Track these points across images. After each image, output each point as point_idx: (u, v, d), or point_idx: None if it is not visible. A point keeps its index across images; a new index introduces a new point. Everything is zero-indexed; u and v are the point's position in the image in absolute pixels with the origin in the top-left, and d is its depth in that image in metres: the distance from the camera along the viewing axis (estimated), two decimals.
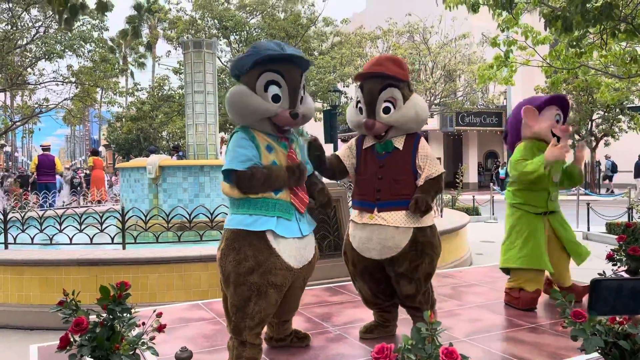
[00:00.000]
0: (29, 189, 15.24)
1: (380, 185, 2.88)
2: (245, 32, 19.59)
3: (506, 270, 3.88)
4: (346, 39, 20.54)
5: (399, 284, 2.94)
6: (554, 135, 3.58)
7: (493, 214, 12.68)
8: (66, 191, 15.48)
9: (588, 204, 9.69)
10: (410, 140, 2.90)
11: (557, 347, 2.97)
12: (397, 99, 2.85)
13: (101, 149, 46.14)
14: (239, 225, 2.49)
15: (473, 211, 12.28)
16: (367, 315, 3.65)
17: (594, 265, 4.04)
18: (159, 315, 2.46)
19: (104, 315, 2.35)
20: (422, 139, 2.95)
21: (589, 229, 9.36)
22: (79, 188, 15.08)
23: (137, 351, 2.39)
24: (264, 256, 2.47)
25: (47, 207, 9.76)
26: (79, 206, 10.55)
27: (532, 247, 3.65)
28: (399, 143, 2.89)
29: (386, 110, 2.84)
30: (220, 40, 19.63)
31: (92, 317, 2.40)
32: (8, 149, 46.17)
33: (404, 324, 3.21)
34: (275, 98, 2.52)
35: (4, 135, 27.29)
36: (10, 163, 47.38)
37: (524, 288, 3.68)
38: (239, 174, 2.46)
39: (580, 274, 4.06)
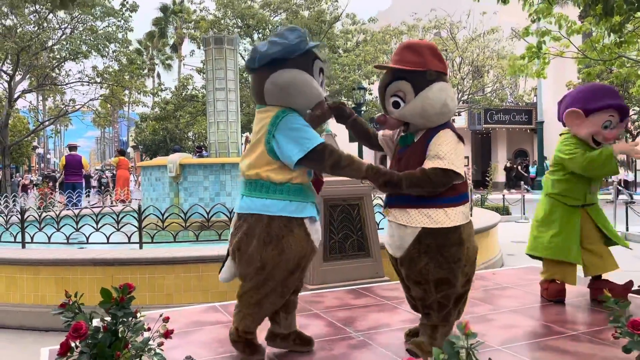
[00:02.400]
0: (57, 188, 15.44)
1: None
2: (268, 29, 19.47)
3: (533, 257, 3.83)
4: (371, 36, 20.24)
5: (409, 285, 2.70)
6: (595, 141, 3.43)
7: (524, 214, 12.27)
8: (93, 190, 15.65)
9: (626, 203, 9.23)
10: (429, 133, 2.57)
11: (602, 358, 2.69)
12: (405, 92, 2.55)
13: (129, 150, 46.86)
14: (283, 212, 2.38)
15: (503, 211, 11.89)
16: (393, 320, 3.43)
17: (635, 266, 3.73)
18: (166, 320, 2.27)
19: (108, 319, 2.18)
20: (444, 132, 2.54)
21: (627, 229, 8.92)
22: (106, 187, 15.27)
23: (144, 358, 2.22)
24: (303, 244, 2.43)
25: (71, 206, 9.77)
26: (103, 205, 10.57)
27: (563, 239, 3.54)
28: (418, 136, 2.62)
29: (396, 105, 2.59)
30: (244, 39, 19.58)
31: (97, 321, 2.24)
32: (40, 150, 47.28)
33: None
34: (321, 85, 2.53)
35: (36, 138, 27.89)
36: (42, 164, 48.52)
37: (555, 279, 3.66)
38: (328, 145, 2.36)
39: (621, 276, 3.75)
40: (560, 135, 3.66)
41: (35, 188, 17.93)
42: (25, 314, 4.43)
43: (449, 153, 2.49)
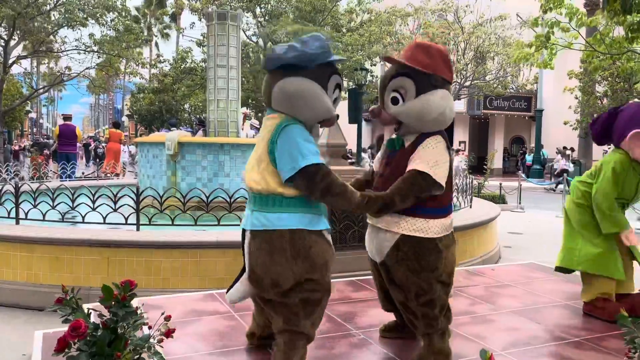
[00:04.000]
0: (51, 157, 15.29)
1: (380, 184, 2.61)
2: (270, 5, 19.06)
3: (564, 270, 3.61)
4: (376, 16, 19.86)
5: (390, 290, 2.67)
6: None
7: (520, 203, 12.25)
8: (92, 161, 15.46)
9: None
10: (420, 138, 2.50)
11: None
12: (407, 89, 2.48)
13: (124, 119, 46.38)
14: (301, 224, 2.28)
15: (499, 199, 11.86)
16: (392, 317, 3.38)
17: None
18: (167, 318, 2.20)
19: (106, 316, 2.10)
20: (434, 138, 2.49)
21: None
22: (102, 159, 15.19)
23: (143, 355, 2.15)
24: (329, 255, 2.38)
25: (65, 177, 9.64)
26: (97, 177, 10.45)
27: (605, 251, 3.37)
28: (408, 141, 2.55)
29: (394, 101, 2.52)
30: (246, 12, 19.18)
31: (94, 311, 2.17)
32: (33, 115, 46.72)
33: None
34: (335, 101, 2.43)
35: (29, 102, 27.44)
36: (35, 129, 48.00)
37: (609, 297, 3.41)
38: (322, 167, 2.24)
39: None
40: (612, 151, 3.43)
41: (29, 154, 17.69)
42: (18, 292, 4.34)
43: (431, 160, 2.43)
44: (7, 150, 18.21)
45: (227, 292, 2.52)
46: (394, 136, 2.64)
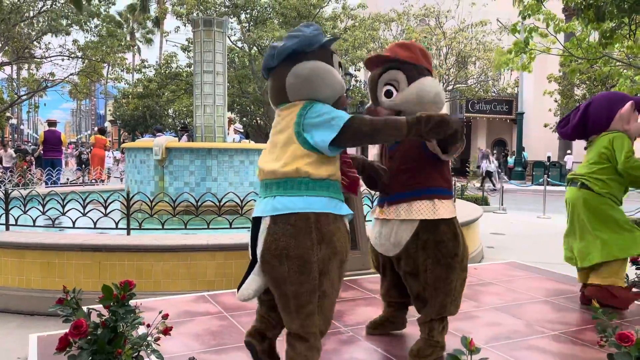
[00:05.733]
0: (33, 163, 15.18)
1: (389, 179, 2.74)
2: (255, 10, 19.15)
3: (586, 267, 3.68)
4: (360, 22, 20.07)
5: (406, 281, 2.76)
6: None
7: (502, 205, 12.48)
8: (71, 167, 15.40)
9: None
10: None
11: (584, 359, 2.81)
12: (399, 80, 2.62)
13: (107, 124, 46.05)
14: (325, 208, 2.23)
15: (482, 201, 12.06)
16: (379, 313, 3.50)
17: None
18: (165, 317, 2.29)
19: (106, 315, 2.18)
20: None
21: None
22: (87, 165, 15.12)
23: (141, 353, 2.24)
24: (347, 242, 2.34)
25: (50, 184, 9.62)
26: (83, 183, 10.43)
27: (631, 235, 3.52)
28: None
29: (388, 94, 2.65)
30: (231, 18, 19.24)
31: (93, 311, 2.24)
32: (14, 121, 46.10)
33: (414, 323, 3.03)
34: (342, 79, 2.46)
35: (9, 108, 27.12)
36: (15, 135, 47.35)
37: (618, 284, 3.54)
38: (357, 116, 2.21)
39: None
40: (603, 135, 3.55)
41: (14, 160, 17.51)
42: (10, 298, 4.38)
43: None
44: None
45: (237, 290, 2.41)
46: None
